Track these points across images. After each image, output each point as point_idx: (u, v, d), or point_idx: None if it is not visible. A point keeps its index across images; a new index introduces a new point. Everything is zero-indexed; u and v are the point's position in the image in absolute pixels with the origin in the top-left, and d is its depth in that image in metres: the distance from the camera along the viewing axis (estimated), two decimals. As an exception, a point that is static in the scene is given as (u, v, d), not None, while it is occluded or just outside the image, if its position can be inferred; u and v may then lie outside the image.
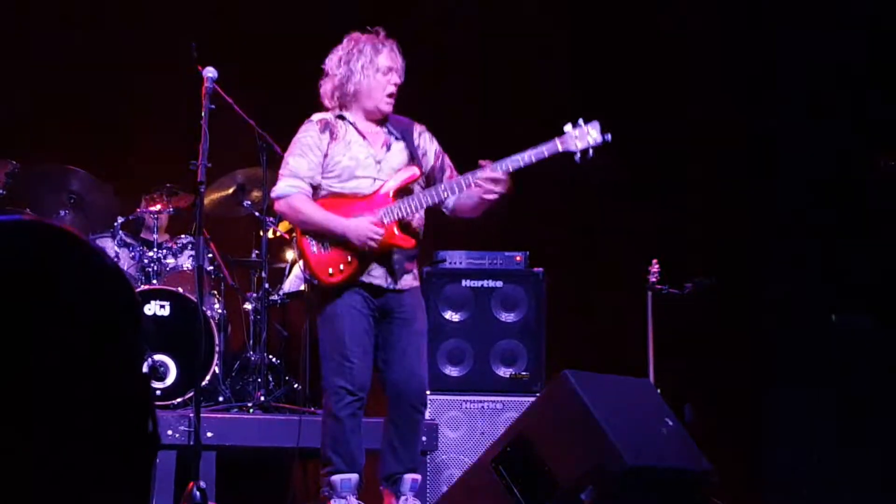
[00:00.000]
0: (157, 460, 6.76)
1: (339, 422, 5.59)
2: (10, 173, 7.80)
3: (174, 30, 8.85)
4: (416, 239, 5.76)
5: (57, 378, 1.28)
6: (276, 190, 5.78)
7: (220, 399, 7.63)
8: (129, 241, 7.93)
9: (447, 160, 5.95)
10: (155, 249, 7.90)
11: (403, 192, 5.71)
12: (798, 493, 8.11)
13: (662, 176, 9.31)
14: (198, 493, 5.38)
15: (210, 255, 7.85)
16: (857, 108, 8.70)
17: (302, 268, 5.79)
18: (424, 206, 5.71)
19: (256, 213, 7.94)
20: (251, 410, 7.34)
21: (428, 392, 6.27)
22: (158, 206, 8.03)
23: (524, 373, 7.30)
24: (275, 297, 7.95)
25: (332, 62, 5.82)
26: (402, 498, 5.71)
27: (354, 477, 5.65)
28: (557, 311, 7.80)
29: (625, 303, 8.36)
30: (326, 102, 5.84)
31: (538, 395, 6.29)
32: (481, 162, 5.60)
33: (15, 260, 1.32)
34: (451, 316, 7.38)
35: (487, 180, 5.56)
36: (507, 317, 7.39)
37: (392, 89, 5.76)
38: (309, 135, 5.76)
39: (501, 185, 5.59)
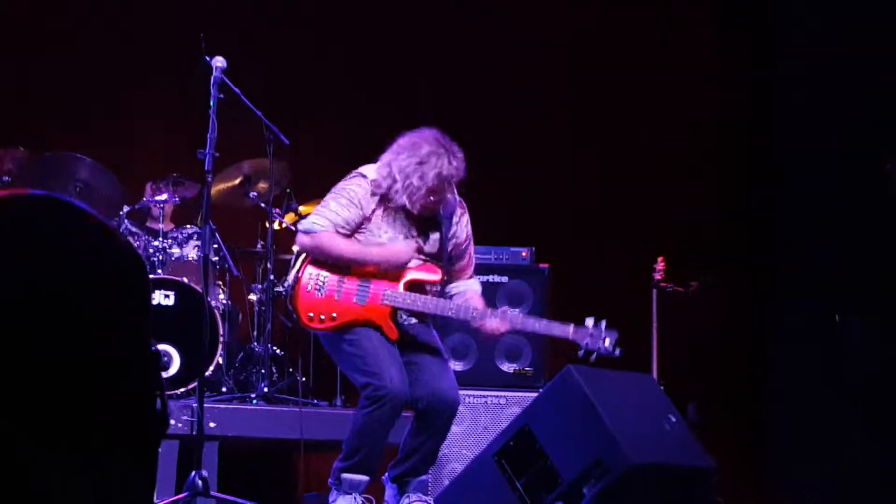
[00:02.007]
0: (160, 449, 6.75)
1: (370, 425, 5.51)
2: (18, 161, 7.80)
3: (183, 18, 8.85)
4: (402, 330, 5.72)
5: (63, 353, 1.28)
6: (305, 224, 5.71)
7: (224, 389, 7.63)
8: (134, 230, 7.92)
9: (468, 254, 5.97)
10: (160, 239, 7.89)
11: (415, 286, 5.70)
12: (802, 492, 8.09)
13: (668, 173, 9.31)
14: (199, 482, 5.39)
15: (215, 246, 7.84)
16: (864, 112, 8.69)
17: (287, 299, 5.78)
18: (425, 311, 5.71)
19: (262, 204, 7.93)
20: (254, 401, 7.34)
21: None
22: (164, 196, 8.02)
23: (528, 368, 7.29)
24: (280, 289, 7.93)
25: (396, 163, 5.63)
26: (407, 497, 5.69)
27: (365, 480, 5.62)
28: (562, 307, 7.79)
29: (630, 300, 8.34)
30: (380, 179, 5.69)
31: (542, 389, 6.28)
32: (503, 309, 5.68)
33: (27, 233, 1.31)
34: (455, 310, 7.36)
35: (493, 328, 5.66)
36: (512, 312, 7.36)
37: (429, 207, 5.68)
38: (360, 189, 5.67)
39: (501, 334, 5.76)
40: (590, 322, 5.66)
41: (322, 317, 5.62)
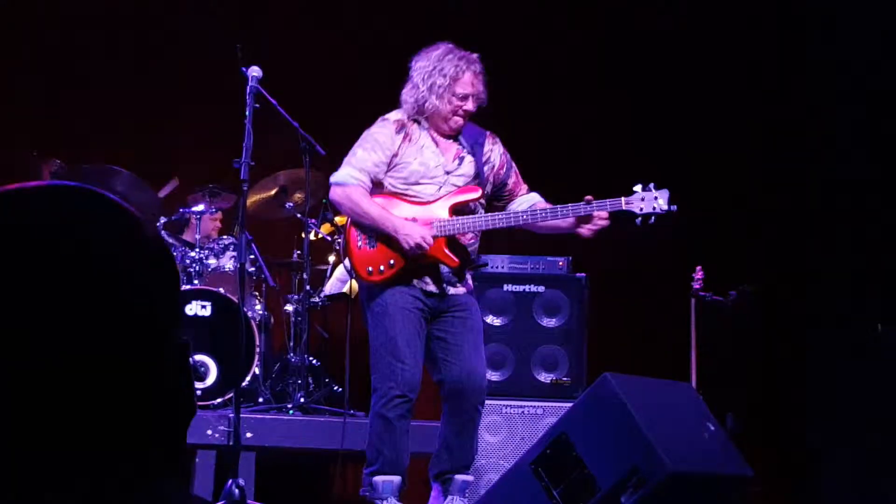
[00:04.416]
0: (197, 459, 6.80)
1: (386, 422, 5.55)
2: (55, 172, 7.84)
3: (220, 27, 8.87)
4: (465, 256, 5.72)
5: (82, 346, 1.26)
6: (337, 176, 5.74)
7: (260, 400, 7.64)
8: (171, 241, 7.95)
9: (514, 172, 5.92)
10: (197, 250, 7.92)
11: (461, 209, 5.69)
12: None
13: (708, 182, 9.25)
14: (236, 490, 5.38)
15: (252, 256, 7.85)
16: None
17: (344, 262, 5.80)
18: (481, 229, 5.69)
19: (298, 215, 7.94)
20: (291, 412, 7.34)
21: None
22: (201, 206, 8.05)
23: (565, 378, 7.25)
24: (316, 299, 7.94)
25: (417, 72, 5.73)
26: (450, 498, 5.68)
27: (397, 479, 5.62)
28: (600, 317, 7.75)
29: (668, 310, 8.30)
30: (405, 107, 5.77)
31: (579, 397, 6.25)
32: (588, 198, 5.59)
33: (52, 225, 1.30)
34: (492, 320, 7.33)
35: (594, 219, 5.57)
36: (549, 322, 7.34)
37: (461, 113, 5.71)
38: (383, 132, 5.71)
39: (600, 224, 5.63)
40: (638, 188, 5.64)
41: (381, 267, 5.62)
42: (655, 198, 5.65)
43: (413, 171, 5.67)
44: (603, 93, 9.50)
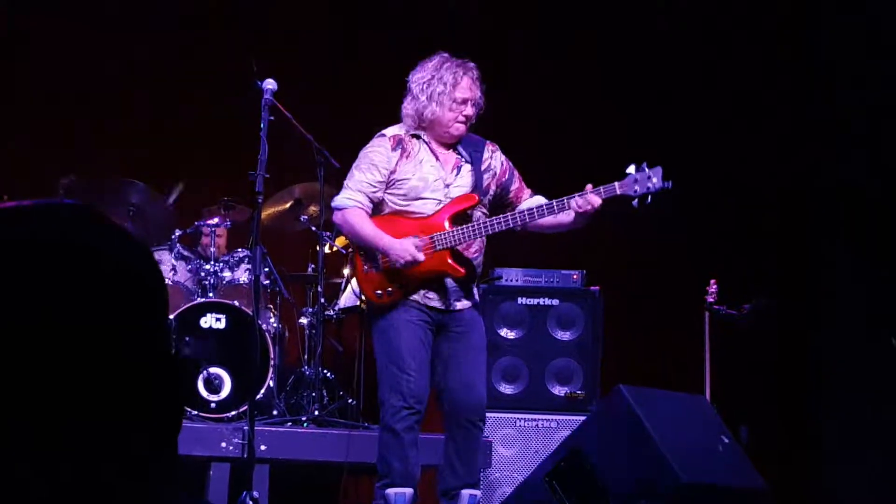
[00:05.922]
0: (211, 472, 6.80)
1: (395, 435, 5.56)
2: (68, 186, 7.86)
3: (235, 41, 8.90)
4: (470, 266, 5.72)
5: (67, 355, 1.27)
6: (336, 201, 5.79)
7: (275, 413, 7.63)
8: (186, 253, 7.97)
9: (516, 178, 5.92)
10: (212, 262, 7.93)
11: (460, 218, 5.69)
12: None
13: (722, 195, 9.25)
14: (250, 502, 5.39)
15: (266, 269, 7.85)
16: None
17: (353, 286, 5.83)
18: (488, 233, 5.68)
19: (313, 228, 7.94)
20: (305, 424, 7.34)
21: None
22: (216, 220, 8.06)
23: (579, 391, 7.25)
24: (330, 312, 7.94)
25: (416, 84, 5.75)
26: None
27: (409, 491, 5.62)
28: (614, 330, 7.75)
29: (682, 323, 8.29)
30: (406, 121, 5.80)
31: (593, 409, 6.26)
32: (588, 186, 5.57)
33: (42, 239, 1.31)
34: (506, 333, 7.35)
35: (587, 204, 5.53)
36: (563, 335, 7.34)
37: (462, 119, 5.71)
38: (378, 151, 5.73)
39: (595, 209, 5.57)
40: (631, 169, 5.60)
41: (389, 289, 5.64)
42: (649, 177, 5.59)
43: (413, 187, 5.68)
44: (607, 104, 9.51)
